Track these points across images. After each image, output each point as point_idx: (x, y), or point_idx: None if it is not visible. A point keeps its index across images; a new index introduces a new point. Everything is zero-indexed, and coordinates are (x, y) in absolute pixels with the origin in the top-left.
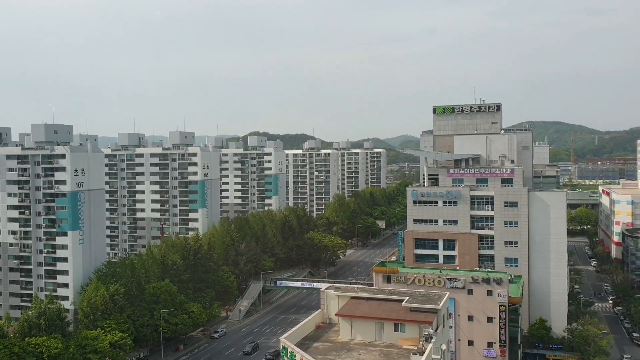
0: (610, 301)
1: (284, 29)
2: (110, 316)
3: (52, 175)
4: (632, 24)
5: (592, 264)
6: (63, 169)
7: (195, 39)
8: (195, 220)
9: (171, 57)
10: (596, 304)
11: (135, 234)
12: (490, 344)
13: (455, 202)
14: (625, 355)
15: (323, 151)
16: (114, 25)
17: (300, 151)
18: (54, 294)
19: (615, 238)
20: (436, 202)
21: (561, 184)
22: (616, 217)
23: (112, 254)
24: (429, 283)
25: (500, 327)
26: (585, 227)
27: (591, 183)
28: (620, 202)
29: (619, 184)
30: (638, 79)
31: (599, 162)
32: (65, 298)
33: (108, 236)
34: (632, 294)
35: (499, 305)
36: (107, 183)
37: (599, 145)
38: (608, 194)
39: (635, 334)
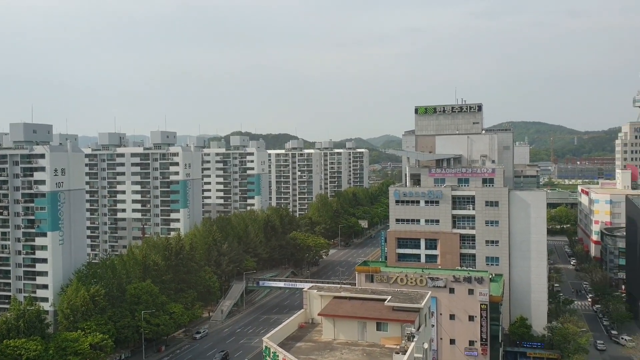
0: (589, 299)
1: (267, 29)
2: (91, 317)
3: (31, 175)
4: (612, 25)
5: (572, 263)
6: (42, 169)
7: (177, 38)
8: (177, 220)
9: (153, 56)
10: (575, 302)
11: (116, 235)
12: (471, 343)
13: (437, 202)
14: (598, 342)
15: (306, 151)
16: (95, 24)
17: (283, 151)
18: (33, 295)
19: (594, 237)
20: (418, 202)
21: (541, 183)
22: (595, 216)
23: (93, 254)
24: (411, 282)
25: (481, 325)
26: (564, 226)
27: (570, 183)
28: (599, 201)
29: (597, 183)
30: (616, 79)
31: (578, 162)
32: (45, 299)
33: (88, 237)
34: (611, 292)
35: (480, 304)
36: (87, 183)
37: (578, 145)
38: (587, 193)
39: (613, 332)
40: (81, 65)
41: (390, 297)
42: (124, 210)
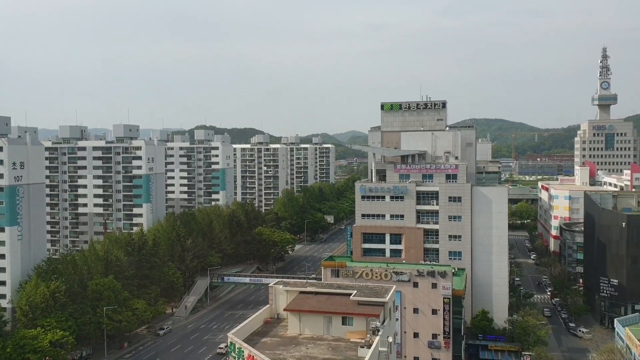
0: (549, 293)
1: (232, 21)
2: (51, 314)
3: None
4: (573, 25)
5: (532, 257)
6: (0, 162)
7: (141, 30)
8: (140, 215)
9: (116, 48)
10: (535, 296)
11: (77, 230)
12: (434, 336)
13: (401, 197)
14: (545, 309)
15: (272, 146)
16: (54, 12)
17: (248, 145)
18: None
19: (554, 232)
20: (383, 197)
21: (503, 179)
22: (554, 211)
23: (53, 250)
24: (376, 277)
25: (444, 319)
26: (525, 221)
27: (531, 179)
28: (558, 197)
29: (557, 179)
30: (576, 79)
31: (539, 159)
32: (2, 296)
33: (49, 232)
34: (569, 286)
35: (443, 298)
36: (47, 177)
37: (539, 142)
38: (547, 189)
39: (571, 324)
40: (41, 57)
41: (355, 291)
42: (85, 205)
